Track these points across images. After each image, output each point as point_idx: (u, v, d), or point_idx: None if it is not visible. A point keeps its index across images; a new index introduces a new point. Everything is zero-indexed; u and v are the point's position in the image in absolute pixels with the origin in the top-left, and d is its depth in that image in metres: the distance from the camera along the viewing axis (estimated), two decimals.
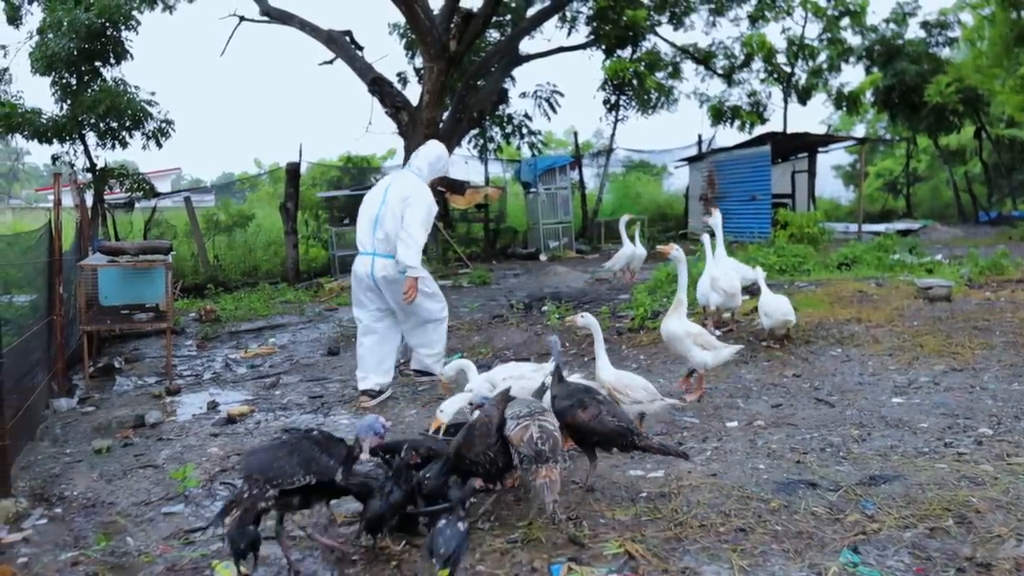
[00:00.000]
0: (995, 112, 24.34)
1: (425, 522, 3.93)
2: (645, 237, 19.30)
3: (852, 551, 3.45)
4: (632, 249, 12.40)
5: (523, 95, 21.63)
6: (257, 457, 3.56)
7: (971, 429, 5.05)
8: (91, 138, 16.56)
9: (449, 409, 4.79)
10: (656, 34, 22.21)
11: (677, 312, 6.11)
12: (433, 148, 7.42)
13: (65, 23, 15.11)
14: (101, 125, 16.20)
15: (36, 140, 16.07)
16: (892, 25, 24.56)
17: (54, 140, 16.23)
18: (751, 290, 9.13)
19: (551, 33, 27.48)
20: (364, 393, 6.96)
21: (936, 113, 23.52)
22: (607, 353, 5.31)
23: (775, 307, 7.44)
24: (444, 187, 18.01)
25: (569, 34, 21.59)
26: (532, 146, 22.03)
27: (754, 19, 22.62)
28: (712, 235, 8.60)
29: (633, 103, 22.05)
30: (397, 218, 6.85)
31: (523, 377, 5.11)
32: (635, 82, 20.97)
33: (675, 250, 6.25)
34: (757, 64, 23.05)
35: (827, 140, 22.24)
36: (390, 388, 7.15)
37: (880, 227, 19.20)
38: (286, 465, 3.46)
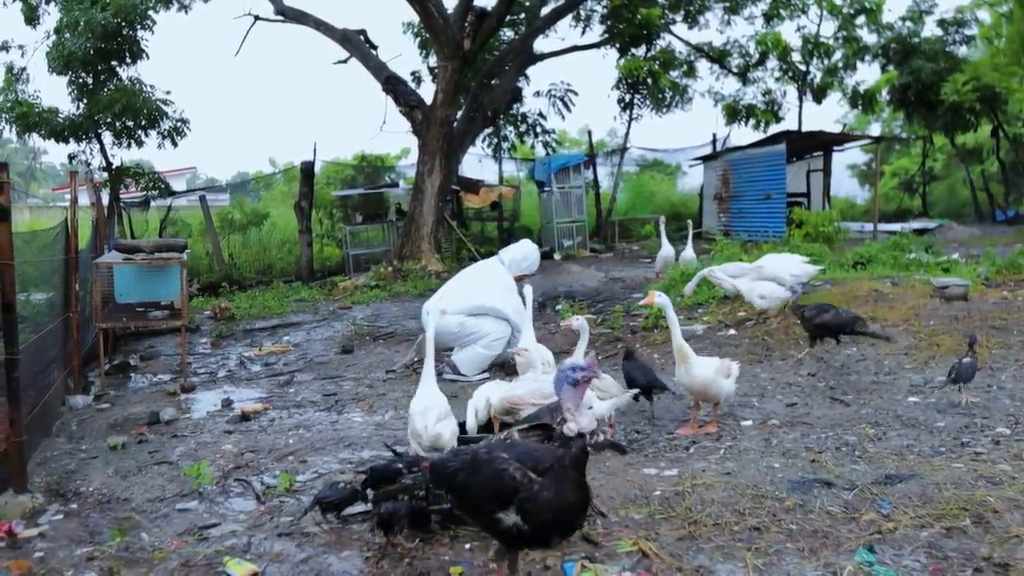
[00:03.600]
0: (1012, 110, 24.08)
1: (437, 520, 3.93)
2: (659, 235, 19.26)
3: (868, 550, 3.42)
4: (669, 250, 12.56)
5: (537, 94, 21.63)
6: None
7: (988, 428, 5.01)
8: (107, 137, 16.70)
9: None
10: (670, 32, 22.12)
11: (687, 361, 5.49)
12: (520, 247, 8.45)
13: (82, 23, 15.22)
14: (117, 124, 16.32)
15: (53, 139, 16.23)
16: (908, 23, 24.35)
17: (70, 139, 16.37)
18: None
19: (565, 32, 27.50)
20: None
21: (953, 111, 23.31)
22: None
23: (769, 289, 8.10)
24: (459, 186, 18.04)
25: (583, 33, 21.55)
26: (546, 145, 22.00)
27: (769, 17, 22.48)
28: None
29: (647, 102, 21.98)
30: None
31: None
32: (649, 81, 20.89)
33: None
34: (772, 62, 22.89)
35: (842, 139, 22.09)
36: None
37: (896, 226, 19.06)
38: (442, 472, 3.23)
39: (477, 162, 22.24)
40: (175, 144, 16.96)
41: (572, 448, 2.75)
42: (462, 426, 4.97)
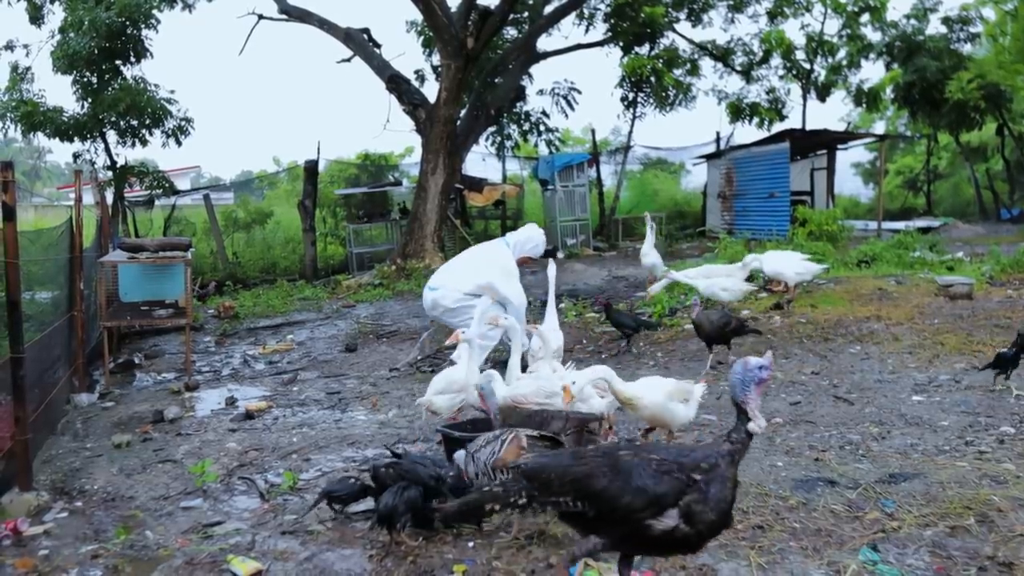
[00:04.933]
0: (1017, 108, 24.04)
1: (439, 518, 3.94)
2: (662, 235, 19.26)
3: (871, 549, 3.42)
4: (653, 256, 11.47)
5: (540, 92, 21.60)
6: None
7: (992, 427, 5.00)
8: (111, 136, 16.73)
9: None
10: (674, 31, 22.09)
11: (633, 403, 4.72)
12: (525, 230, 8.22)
13: (86, 22, 15.24)
14: (121, 123, 16.35)
15: (57, 138, 16.26)
16: (913, 21, 24.28)
17: (75, 138, 16.40)
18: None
19: (568, 30, 27.36)
20: None
21: (957, 109, 23.24)
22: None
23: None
24: (462, 184, 18.04)
25: (587, 31, 21.53)
26: (549, 143, 21.98)
27: (773, 15, 22.44)
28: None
29: (651, 100, 21.95)
30: None
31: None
32: (653, 79, 20.86)
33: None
34: (776, 61, 22.85)
35: (846, 137, 22.04)
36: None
37: (900, 225, 18.99)
38: (554, 479, 2.91)
39: (481, 160, 22.23)
40: (179, 143, 17.00)
41: (737, 445, 2.74)
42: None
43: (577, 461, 2.89)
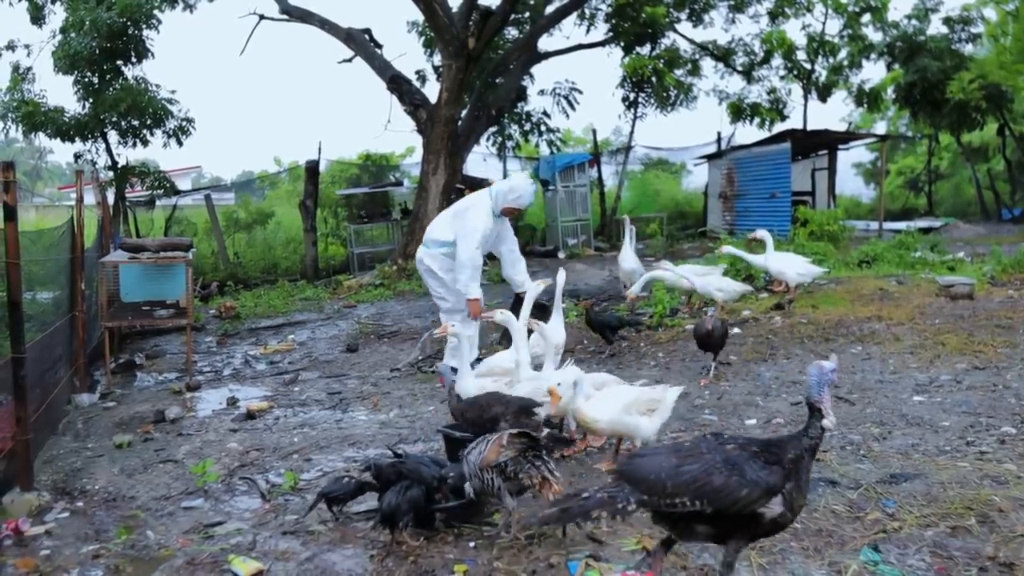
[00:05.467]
0: (1019, 108, 24.02)
1: (442, 518, 3.94)
2: (664, 235, 19.25)
3: (872, 549, 3.43)
4: (631, 262, 10.48)
5: (542, 92, 21.57)
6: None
7: (994, 428, 5.00)
8: (113, 136, 16.71)
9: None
10: (675, 31, 22.07)
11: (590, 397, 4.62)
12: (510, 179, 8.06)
13: (87, 22, 15.24)
14: (122, 123, 16.34)
15: (59, 138, 16.24)
16: (914, 21, 24.27)
17: (76, 138, 16.39)
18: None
19: (569, 30, 27.45)
20: None
21: (958, 110, 23.23)
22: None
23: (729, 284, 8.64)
24: (463, 185, 18.03)
25: (588, 31, 21.50)
26: (551, 144, 21.96)
27: (774, 15, 22.42)
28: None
29: (652, 100, 21.93)
30: None
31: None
32: (654, 79, 20.84)
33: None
34: (777, 61, 22.83)
35: (848, 137, 22.04)
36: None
37: (901, 225, 18.99)
38: (667, 481, 2.87)
39: (481, 161, 22.21)
40: (180, 143, 16.98)
41: (815, 440, 2.93)
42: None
43: (684, 460, 2.89)
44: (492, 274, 14.75)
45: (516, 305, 8.29)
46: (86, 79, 16.09)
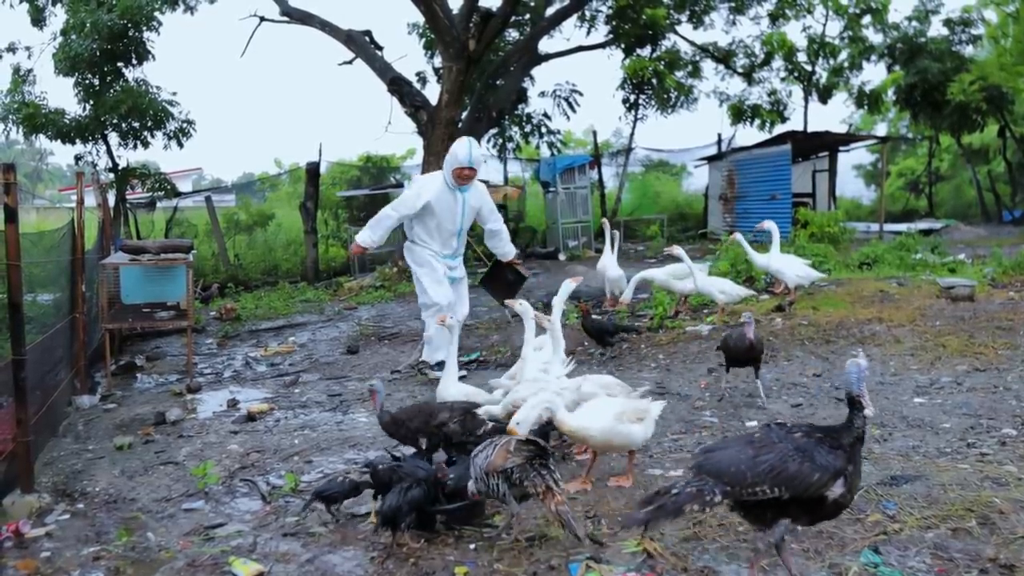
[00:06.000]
0: (1019, 110, 24.03)
1: (442, 520, 3.94)
2: (664, 236, 19.25)
3: (873, 551, 3.42)
4: (613, 269, 10.03)
5: (542, 94, 21.63)
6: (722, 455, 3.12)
7: (994, 430, 5.00)
8: (113, 138, 16.76)
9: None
10: (676, 33, 22.10)
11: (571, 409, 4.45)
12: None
13: (88, 24, 15.26)
14: (123, 125, 16.37)
15: (59, 140, 16.29)
16: (914, 23, 24.30)
17: (77, 140, 16.42)
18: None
19: (570, 32, 27.46)
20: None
21: (959, 111, 23.24)
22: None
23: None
24: None
25: (588, 33, 21.54)
26: (551, 145, 21.99)
27: (774, 17, 22.44)
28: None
29: (652, 102, 21.97)
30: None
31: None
32: (655, 81, 20.89)
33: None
34: (777, 63, 22.87)
35: (848, 139, 22.06)
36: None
37: (902, 227, 19.00)
38: (747, 472, 2.98)
39: (482, 163, 22.23)
40: (181, 145, 17.01)
41: (861, 429, 3.12)
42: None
43: (759, 451, 3.04)
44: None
45: (493, 267, 8.83)
46: (87, 81, 16.12)
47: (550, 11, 19.89)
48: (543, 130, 21.72)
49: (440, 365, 7.43)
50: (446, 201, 7.73)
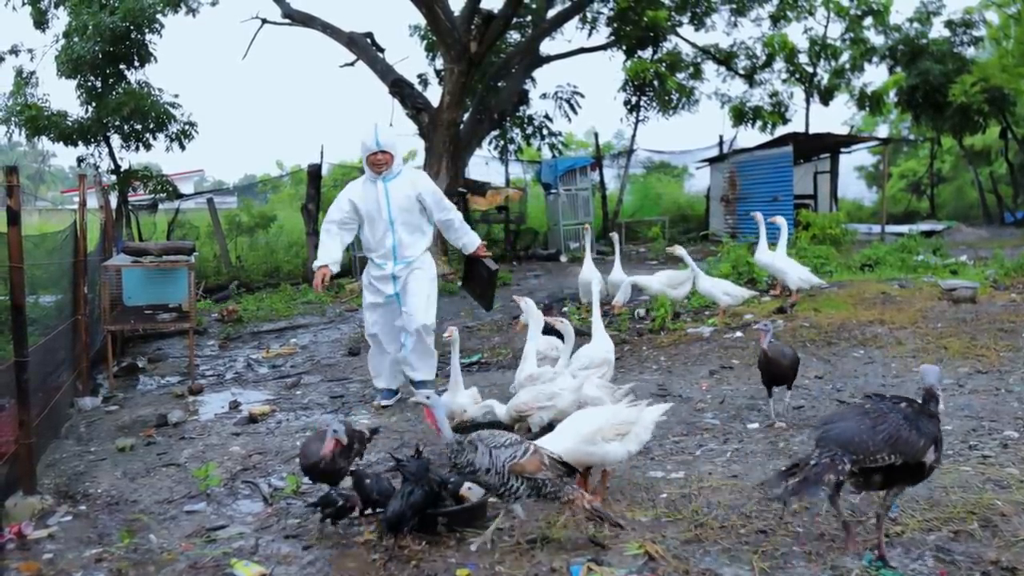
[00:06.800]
0: (1021, 112, 24.02)
1: (444, 522, 3.95)
2: (665, 238, 19.25)
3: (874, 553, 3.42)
4: (590, 272, 9.95)
5: (544, 96, 21.61)
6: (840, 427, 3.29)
7: (996, 432, 4.99)
8: (115, 140, 16.76)
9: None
10: (677, 35, 22.10)
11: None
12: None
13: (90, 27, 15.28)
14: (125, 127, 16.38)
15: (62, 142, 16.31)
16: (916, 24, 24.26)
17: (79, 142, 16.44)
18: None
19: (572, 34, 27.46)
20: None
21: (961, 113, 23.21)
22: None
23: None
24: (465, 188, 18.04)
25: (590, 35, 21.54)
26: (552, 147, 21.98)
27: (776, 19, 22.44)
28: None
29: (654, 104, 21.94)
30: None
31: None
32: (656, 83, 20.87)
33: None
34: (779, 64, 22.86)
35: (850, 140, 22.05)
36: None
37: (903, 228, 19.00)
38: (869, 441, 3.19)
39: (484, 164, 22.24)
40: (183, 147, 17.02)
41: (936, 417, 3.34)
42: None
43: (876, 422, 3.26)
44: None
45: (467, 265, 7.74)
46: (89, 83, 16.14)
47: (551, 13, 19.91)
48: (544, 132, 21.72)
49: (390, 392, 7.07)
50: (369, 194, 7.10)
